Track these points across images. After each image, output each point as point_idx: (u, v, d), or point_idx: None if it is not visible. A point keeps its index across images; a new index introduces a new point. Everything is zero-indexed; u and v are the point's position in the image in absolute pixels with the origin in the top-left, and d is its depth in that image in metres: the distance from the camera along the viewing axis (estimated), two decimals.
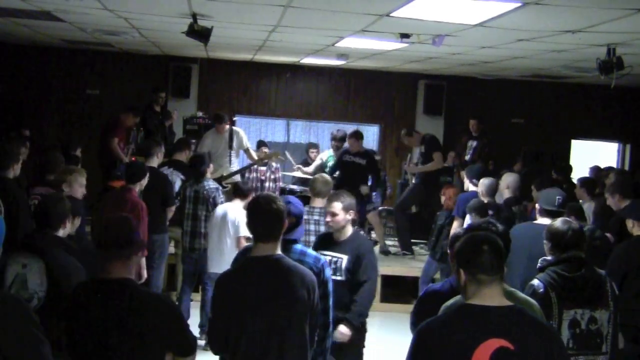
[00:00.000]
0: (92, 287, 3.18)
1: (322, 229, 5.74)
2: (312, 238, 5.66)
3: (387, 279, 8.82)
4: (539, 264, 4.21)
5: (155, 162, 7.62)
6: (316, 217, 5.97)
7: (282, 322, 3.37)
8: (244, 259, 3.64)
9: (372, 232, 10.44)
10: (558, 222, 4.24)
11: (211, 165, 7.67)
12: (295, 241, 4.01)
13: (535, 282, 4.04)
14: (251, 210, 3.55)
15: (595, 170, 10.10)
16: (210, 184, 7.32)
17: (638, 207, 5.29)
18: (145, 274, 6.21)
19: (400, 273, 8.88)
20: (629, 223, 5.24)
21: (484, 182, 7.19)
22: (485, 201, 6.92)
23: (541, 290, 3.98)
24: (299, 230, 4.04)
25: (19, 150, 6.85)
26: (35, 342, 2.73)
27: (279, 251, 3.49)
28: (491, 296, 2.73)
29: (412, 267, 8.71)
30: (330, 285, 3.98)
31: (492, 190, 7.19)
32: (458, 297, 3.27)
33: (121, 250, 3.11)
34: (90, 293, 3.13)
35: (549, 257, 4.18)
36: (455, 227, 7.01)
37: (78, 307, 3.13)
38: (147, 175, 6.63)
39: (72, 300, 3.21)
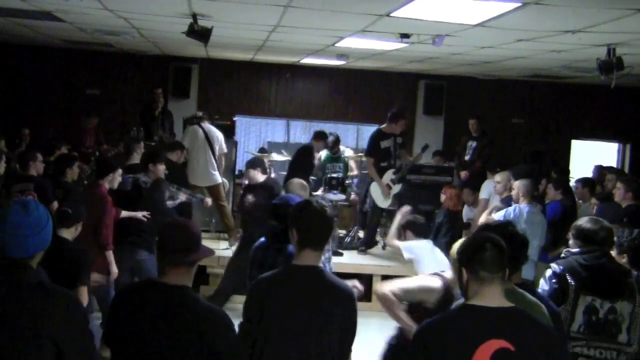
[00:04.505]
0: (148, 291, 3.03)
1: None
2: None
3: (386, 279, 8.80)
4: (562, 255, 4.26)
5: (135, 159, 7.65)
6: None
7: (317, 339, 3.25)
8: (286, 267, 3.44)
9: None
10: (586, 221, 4.23)
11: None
12: None
13: (554, 264, 4.12)
14: (304, 214, 3.38)
15: (599, 169, 10.10)
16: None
17: None
18: (115, 270, 6.12)
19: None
20: None
21: (524, 182, 6.96)
22: (526, 202, 6.79)
23: (558, 271, 4.05)
24: None
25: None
26: (88, 340, 2.73)
27: (321, 262, 3.40)
28: (492, 296, 2.74)
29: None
30: None
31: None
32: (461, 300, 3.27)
33: (186, 257, 2.98)
34: (145, 296, 2.99)
35: (573, 250, 4.21)
36: None
37: (129, 308, 2.98)
38: (116, 170, 6.52)
39: (123, 300, 3.07)
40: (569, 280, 4.01)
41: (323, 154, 10.54)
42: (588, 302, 3.98)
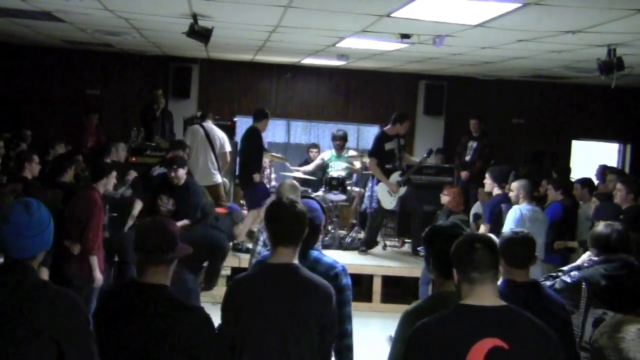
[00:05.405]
0: (129, 291, 3.07)
1: None
2: None
3: (387, 279, 8.83)
4: (585, 264, 4.20)
5: (115, 157, 7.77)
6: None
7: (296, 337, 3.22)
8: (261, 265, 3.47)
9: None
10: (600, 226, 4.17)
11: None
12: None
13: (574, 272, 4.06)
14: (273, 212, 3.40)
15: (602, 169, 10.10)
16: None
17: None
18: (99, 276, 6.05)
19: (400, 273, 8.87)
20: None
21: (523, 183, 6.89)
22: (526, 203, 6.77)
23: (572, 279, 4.01)
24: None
25: None
26: (89, 340, 2.74)
27: (296, 259, 3.37)
28: (485, 296, 2.73)
29: (413, 267, 8.71)
30: (348, 294, 3.77)
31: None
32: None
33: (164, 255, 3.03)
34: (126, 297, 3.03)
35: (595, 258, 4.15)
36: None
37: (110, 310, 3.02)
38: (110, 174, 6.44)
39: (104, 301, 3.11)
40: (582, 288, 3.93)
41: (327, 154, 10.53)
42: (598, 315, 3.91)
